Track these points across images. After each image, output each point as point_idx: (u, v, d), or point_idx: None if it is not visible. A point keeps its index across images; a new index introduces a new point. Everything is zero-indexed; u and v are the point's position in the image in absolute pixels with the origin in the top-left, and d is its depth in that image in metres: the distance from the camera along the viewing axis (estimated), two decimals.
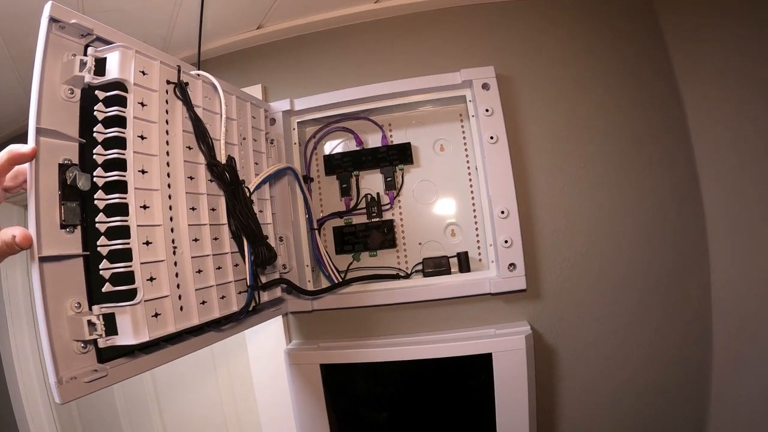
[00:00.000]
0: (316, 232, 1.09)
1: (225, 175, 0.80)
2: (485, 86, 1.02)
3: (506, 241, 0.99)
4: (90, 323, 0.59)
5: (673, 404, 1.04)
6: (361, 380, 1.07)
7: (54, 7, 0.58)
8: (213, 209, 0.81)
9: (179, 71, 0.76)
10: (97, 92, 0.63)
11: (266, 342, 1.15)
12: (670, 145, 1.04)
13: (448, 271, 1.04)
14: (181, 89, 0.75)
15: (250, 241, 0.83)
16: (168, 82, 0.74)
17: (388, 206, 1.10)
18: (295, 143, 1.09)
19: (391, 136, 1.12)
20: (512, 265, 0.99)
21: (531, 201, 1.05)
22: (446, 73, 1.04)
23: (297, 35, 1.19)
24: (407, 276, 1.07)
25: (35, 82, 0.57)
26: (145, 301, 0.63)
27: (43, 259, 0.55)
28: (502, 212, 0.99)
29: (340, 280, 1.07)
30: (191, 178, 0.76)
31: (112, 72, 0.64)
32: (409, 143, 1.09)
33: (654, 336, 1.03)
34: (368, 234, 1.09)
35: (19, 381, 1.52)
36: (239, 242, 0.84)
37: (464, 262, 1.04)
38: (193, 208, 0.76)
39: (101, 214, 0.61)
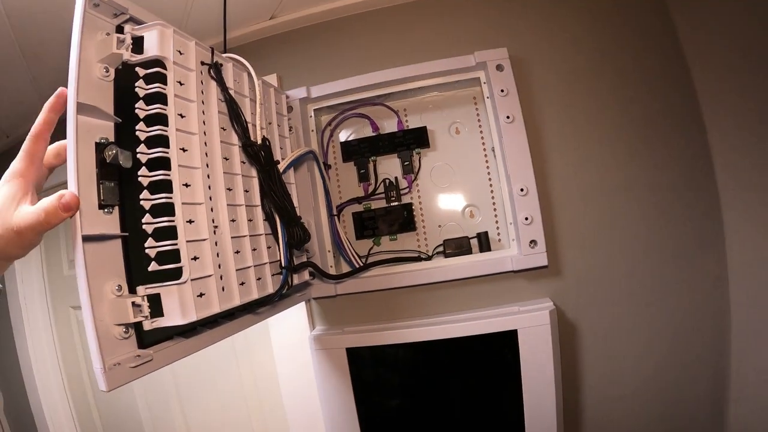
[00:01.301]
0: (336, 218, 1.11)
1: (260, 155, 0.83)
2: (499, 67, 1.06)
3: (527, 218, 1.02)
4: (135, 305, 0.59)
5: (693, 377, 1.08)
6: (388, 363, 1.10)
7: None
8: (246, 191, 0.83)
9: (212, 52, 0.78)
10: (137, 69, 0.64)
11: (290, 330, 1.17)
12: (684, 120, 1.08)
13: (469, 251, 1.07)
14: (216, 70, 0.78)
15: (285, 222, 0.85)
16: (202, 63, 0.76)
17: (406, 190, 1.13)
18: (312, 130, 1.12)
19: (406, 120, 1.16)
20: (533, 242, 1.03)
21: (548, 179, 1.09)
22: (460, 56, 1.08)
23: (310, 24, 1.22)
24: (428, 258, 1.10)
25: (73, 60, 0.57)
26: (191, 280, 0.64)
27: (85, 239, 0.55)
28: (522, 190, 1.03)
29: (361, 264, 1.10)
30: (226, 159, 0.78)
31: (152, 49, 0.65)
32: (425, 127, 1.13)
33: (672, 310, 1.07)
34: (387, 218, 1.11)
35: (38, 386, 1.52)
36: (272, 223, 0.86)
37: (485, 242, 1.08)
38: (229, 189, 0.78)
39: (145, 191, 0.62)
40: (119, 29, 0.65)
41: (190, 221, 0.67)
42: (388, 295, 1.12)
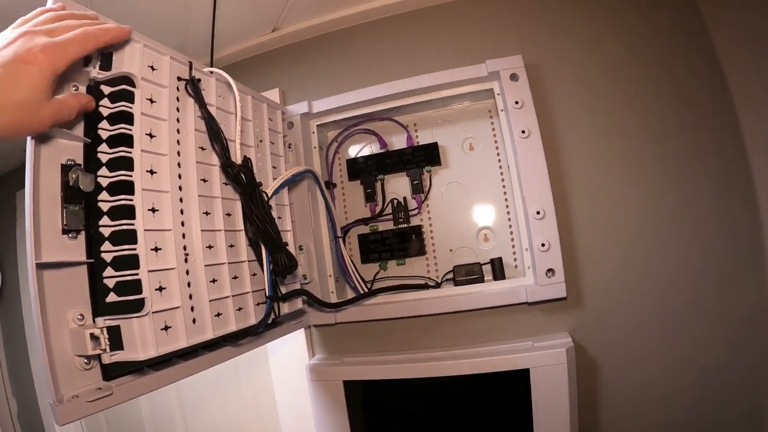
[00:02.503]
0: (341, 240, 1.06)
1: (241, 177, 0.79)
2: (513, 77, 0.99)
3: (543, 245, 0.94)
4: (93, 336, 0.57)
5: (729, 417, 0.96)
6: (388, 397, 1.04)
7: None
8: (228, 214, 0.80)
9: (191, 67, 0.76)
10: (102, 87, 0.62)
11: (288, 356, 1.13)
12: (718, 132, 0.97)
13: (481, 279, 1.00)
14: (192, 86, 0.75)
15: (268, 248, 0.82)
16: (179, 79, 0.74)
17: (415, 211, 1.07)
18: (315, 147, 1.08)
19: (416, 136, 1.10)
20: (550, 271, 0.94)
21: (568, 200, 1.00)
22: (471, 65, 1.01)
23: (314, 36, 1.19)
24: (437, 285, 1.04)
25: None
26: (153, 312, 0.61)
27: (41, 266, 0.54)
28: (538, 212, 0.94)
29: (366, 290, 1.04)
30: (204, 180, 0.76)
31: (119, 66, 0.64)
32: (435, 143, 1.06)
33: (706, 343, 0.96)
34: (395, 241, 1.05)
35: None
36: (257, 249, 0.83)
37: (498, 269, 1.00)
38: (206, 213, 0.75)
39: (105, 217, 0.60)
40: None
41: (156, 249, 0.65)
42: (393, 324, 1.06)
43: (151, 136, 0.66)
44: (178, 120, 0.72)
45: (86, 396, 0.55)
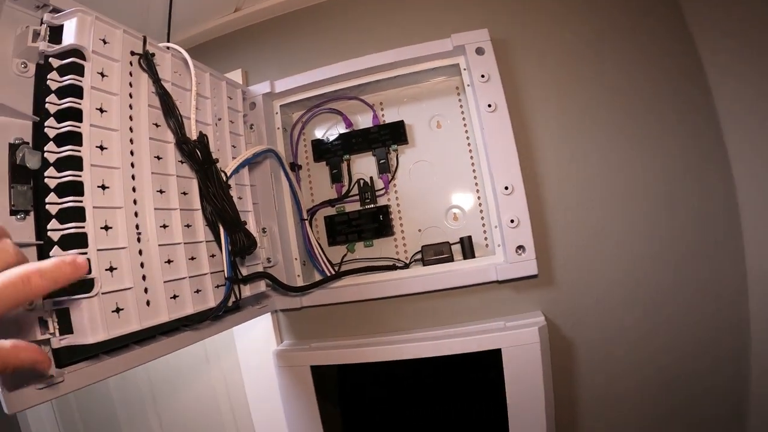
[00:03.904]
0: (306, 222, 1.06)
1: (196, 153, 0.78)
2: (479, 51, 0.99)
3: (512, 221, 0.94)
4: (41, 321, 0.56)
5: (707, 395, 0.97)
6: (356, 382, 1.04)
7: None
8: (184, 193, 0.79)
9: (145, 41, 0.74)
10: (51, 60, 0.61)
11: (256, 342, 1.13)
12: (691, 106, 0.98)
13: (450, 259, 1.00)
14: (146, 60, 0.74)
15: (226, 228, 0.81)
16: (132, 53, 0.72)
17: (382, 191, 1.07)
18: (278, 128, 1.07)
19: (383, 115, 1.09)
20: (521, 248, 0.94)
21: (538, 176, 1.00)
22: (437, 40, 1.01)
23: (276, 15, 1.18)
24: (406, 266, 1.03)
25: None
26: (102, 293, 0.60)
27: None
28: (506, 188, 0.94)
29: (333, 273, 1.04)
30: (159, 158, 0.75)
31: (69, 38, 0.62)
32: (402, 121, 1.06)
33: (683, 321, 0.97)
34: (363, 222, 1.05)
35: None
36: (215, 229, 0.82)
37: (468, 248, 1.00)
38: (161, 191, 0.74)
39: (52, 194, 0.59)
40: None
41: (106, 227, 0.63)
42: (361, 306, 1.06)
43: (101, 111, 0.65)
44: (130, 95, 0.70)
45: (36, 384, 0.54)
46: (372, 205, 1.06)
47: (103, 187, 0.63)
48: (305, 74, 1.05)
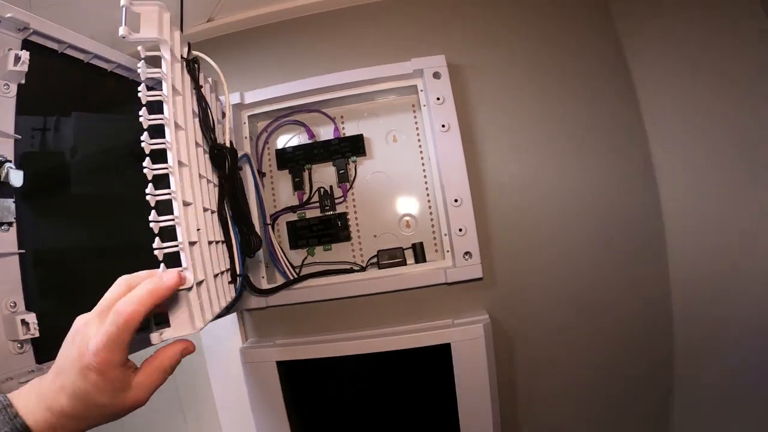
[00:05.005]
0: (270, 227, 1.13)
1: (227, 160, 0.81)
2: (436, 75, 1.09)
3: (460, 230, 1.05)
4: (24, 322, 0.61)
5: (638, 384, 1.12)
6: (320, 376, 1.13)
7: None
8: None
9: (189, 47, 0.77)
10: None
11: (222, 341, 1.19)
12: (624, 127, 1.12)
13: (403, 263, 1.10)
14: (192, 66, 0.76)
15: (243, 230, 0.86)
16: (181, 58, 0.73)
17: (341, 199, 1.15)
18: (246, 137, 1.14)
19: (343, 128, 1.18)
20: (467, 254, 1.05)
21: (484, 188, 1.12)
22: (397, 62, 1.10)
23: (248, 28, 1.24)
24: (362, 269, 1.13)
25: None
26: (197, 284, 0.59)
27: None
28: (456, 200, 1.05)
29: (295, 275, 1.12)
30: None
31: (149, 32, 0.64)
32: (361, 135, 1.15)
33: (614, 317, 1.11)
34: (322, 228, 1.13)
35: None
36: (227, 231, 0.81)
37: (420, 253, 1.11)
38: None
39: (150, 185, 0.55)
40: (26, 44, 0.67)
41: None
42: (322, 306, 1.14)
43: (177, 125, 0.64)
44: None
45: (20, 377, 0.59)
46: (331, 212, 1.15)
47: (186, 203, 0.62)
48: (274, 87, 1.13)
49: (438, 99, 1.08)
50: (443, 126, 1.07)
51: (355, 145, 1.14)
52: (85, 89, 0.83)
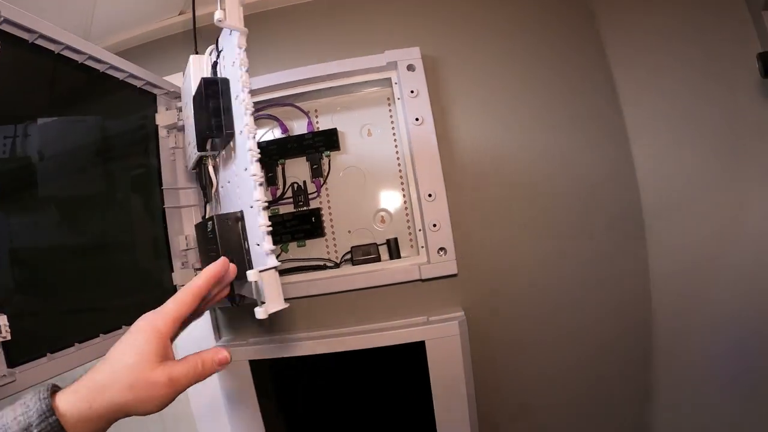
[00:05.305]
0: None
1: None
2: (410, 67, 1.07)
3: (434, 225, 1.03)
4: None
5: (615, 382, 1.11)
6: (294, 374, 1.11)
7: None
8: None
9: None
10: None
11: (195, 339, 1.16)
12: (604, 123, 1.10)
13: (377, 259, 1.08)
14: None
15: None
16: None
17: (315, 194, 1.14)
18: None
19: (317, 122, 1.16)
20: (442, 250, 1.04)
21: (460, 183, 1.10)
22: (371, 55, 1.08)
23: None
24: (336, 265, 1.11)
25: None
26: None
27: None
28: (430, 195, 1.03)
29: None
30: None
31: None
32: (335, 129, 1.13)
33: (593, 315, 1.09)
34: (296, 224, 1.12)
35: None
36: None
37: (394, 249, 1.09)
38: None
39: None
40: None
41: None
42: (296, 303, 1.12)
43: None
44: None
45: None
46: (305, 208, 1.13)
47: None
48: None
49: (412, 92, 1.06)
50: (417, 119, 1.05)
51: (329, 140, 1.12)
52: (54, 81, 0.81)
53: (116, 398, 0.46)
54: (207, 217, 0.91)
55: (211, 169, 0.86)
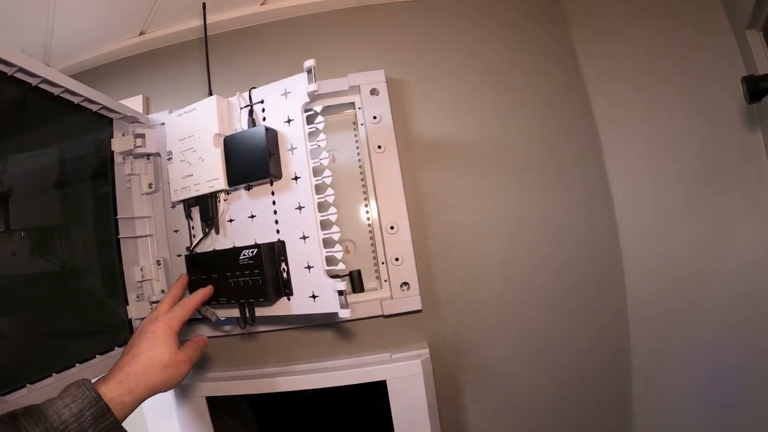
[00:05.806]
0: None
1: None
2: (374, 92, 1.03)
3: (397, 258, 0.99)
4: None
5: (593, 414, 1.06)
6: (251, 412, 1.07)
7: None
8: None
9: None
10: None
11: None
12: (579, 146, 1.05)
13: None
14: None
15: None
16: None
17: None
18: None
19: None
20: (405, 284, 0.99)
21: (425, 213, 1.05)
22: (334, 78, 1.04)
23: (181, 41, 1.19)
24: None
25: None
26: None
27: None
28: (392, 227, 0.99)
29: None
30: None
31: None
32: None
33: (568, 347, 1.04)
34: None
35: None
36: None
37: (357, 282, 1.04)
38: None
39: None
40: None
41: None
42: (257, 337, 1.09)
43: None
44: None
45: None
46: None
47: None
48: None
49: (375, 118, 1.01)
50: (379, 147, 1.01)
51: None
52: (5, 104, 0.78)
53: (154, 380, 0.65)
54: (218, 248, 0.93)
55: (222, 204, 0.92)
